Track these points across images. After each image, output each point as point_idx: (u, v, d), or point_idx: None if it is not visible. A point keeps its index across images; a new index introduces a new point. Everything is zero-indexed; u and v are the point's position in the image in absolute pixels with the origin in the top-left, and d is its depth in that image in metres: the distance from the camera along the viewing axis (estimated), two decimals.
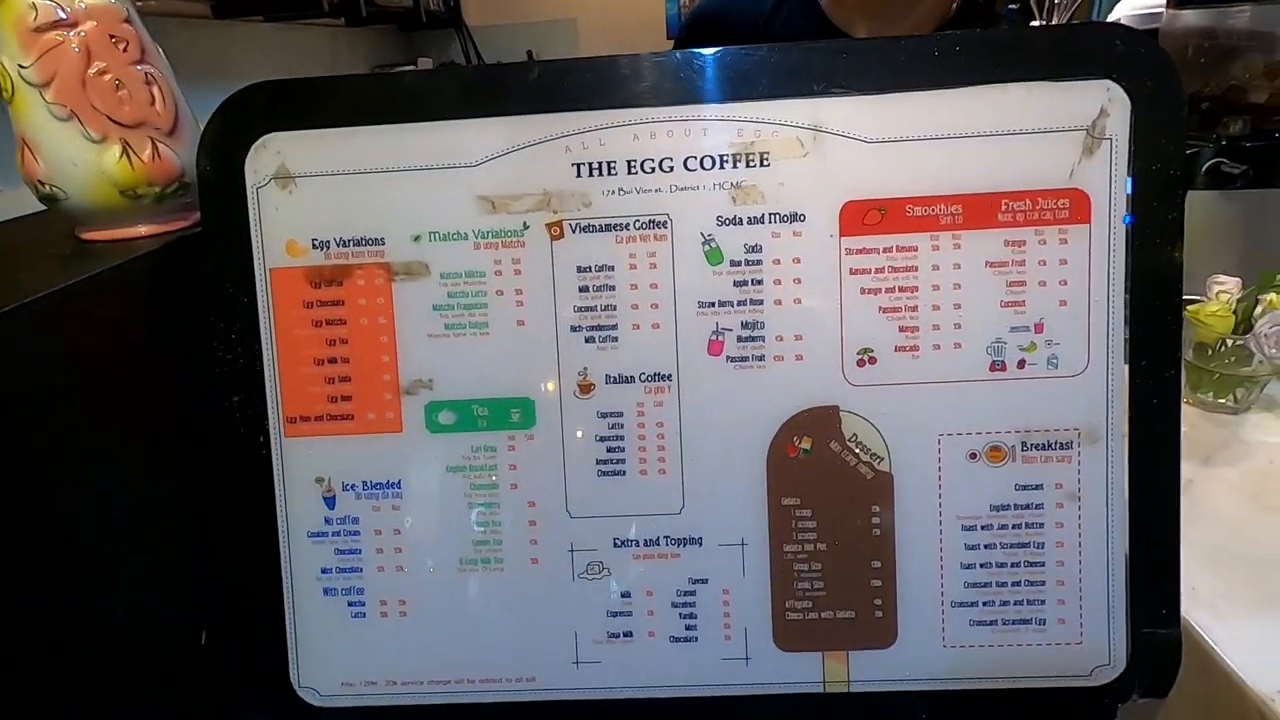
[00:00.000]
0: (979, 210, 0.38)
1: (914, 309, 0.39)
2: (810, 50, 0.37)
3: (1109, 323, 0.38)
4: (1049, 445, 0.39)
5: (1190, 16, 0.84)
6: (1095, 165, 0.37)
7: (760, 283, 0.39)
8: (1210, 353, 0.59)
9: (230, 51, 1.93)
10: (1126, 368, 0.38)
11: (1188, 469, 0.53)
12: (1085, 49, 0.37)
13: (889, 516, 0.39)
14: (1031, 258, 0.38)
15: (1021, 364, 0.39)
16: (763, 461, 0.40)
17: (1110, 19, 1.05)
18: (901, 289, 0.38)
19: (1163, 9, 0.88)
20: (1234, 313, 0.58)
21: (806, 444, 0.39)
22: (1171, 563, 0.39)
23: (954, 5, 0.71)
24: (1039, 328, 0.38)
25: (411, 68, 2.82)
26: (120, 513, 0.37)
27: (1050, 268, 0.38)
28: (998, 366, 0.39)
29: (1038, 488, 0.39)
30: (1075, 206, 0.38)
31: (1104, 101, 0.37)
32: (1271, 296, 0.56)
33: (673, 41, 0.80)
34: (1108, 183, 0.37)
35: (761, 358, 0.39)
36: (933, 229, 0.38)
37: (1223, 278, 0.60)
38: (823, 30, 0.71)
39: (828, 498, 0.40)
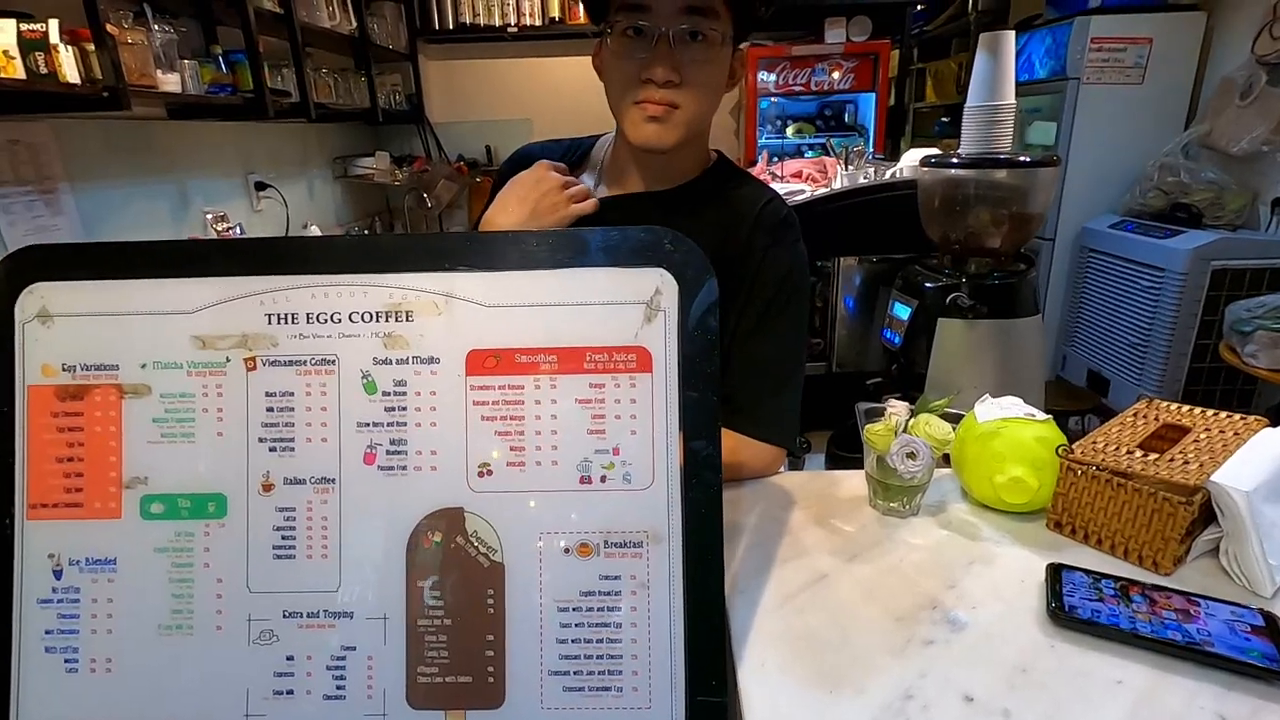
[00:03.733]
0: (570, 359, 0.50)
1: (521, 433, 0.50)
2: (444, 238, 0.50)
3: (668, 448, 0.50)
4: (625, 544, 0.50)
5: (936, 174, 1.01)
6: (654, 329, 0.50)
7: (405, 409, 0.50)
8: (881, 466, 0.70)
9: (205, 146, 2.10)
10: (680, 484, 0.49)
11: (829, 564, 0.63)
12: (645, 246, 0.50)
13: (501, 599, 0.49)
14: (610, 397, 0.50)
15: (604, 479, 0.50)
16: (404, 550, 0.50)
17: (899, 166, 1.22)
18: (512, 417, 0.50)
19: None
20: (894, 433, 0.69)
21: (438, 537, 0.50)
22: (720, 642, 0.49)
23: (710, 161, 0.86)
24: (617, 451, 0.50)
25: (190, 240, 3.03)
26: None
27: (624, 405, 0.50)
28: (586, 480, 0.50)
29: (616, 578, 0.49)
30: (640, 360, 0.50)
31: (658, 283, 0.50)
32: (918, 419, 0.68)
33: None
34: (663, 342, 0.50)
35: (405, 467, 0.50)
36: (535, 372, 0.50)
37: (895, 402, 0.72)
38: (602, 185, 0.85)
39: (453, 582, 0.50)
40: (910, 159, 1.17)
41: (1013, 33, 1.00)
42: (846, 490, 0.76)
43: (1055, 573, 0.59)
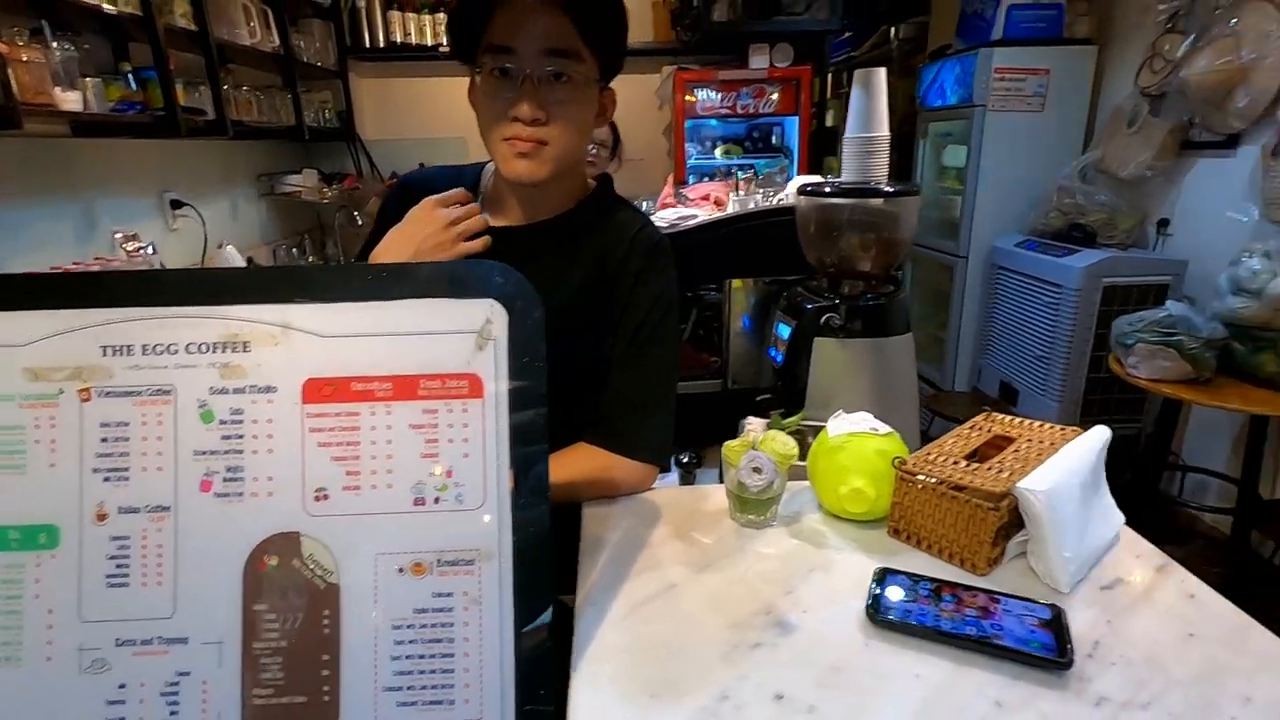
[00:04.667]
0: (404, 387, 0.52)
1: (357, 458, 0.52)
2: (282, 271, 0.52)
3: (498, 469, 0.52)
4: (457, 562, 0.52)
5: (811, 201, 1.07)
6: (484, 357, 0.53)
7: (242, 437, 0.51)
8: (737, 480, 0.74)
9: (115, 164, 2.04)
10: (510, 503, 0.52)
11: (681, 575, 0.67)
12: (476, 278, 0.53)
13: (336, 619, 0.51)
14: (443, 422, 0.52)
15: (437, 500, 0.52)
16: (240, 575, 0.51)
17: (786, 192, 1.29)
18: (348, 443, 0.52)
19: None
20: (750, 449, 0.73)
21: (274, 561, 0.51)
22: (546, 655, 0.52)
23: (588, 191, 0.89)
24: (449, 473, 0.52)
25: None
26: None
27: (456, 429, 0.52)
28: (420, 502, 0.52)
29: (449, 595, 0.52)
30: (472, 386, 0.52)
31: (489, 313, 0.53)
32: (765, 436, 0.73)
33: None
34: (494, 369, 0.53)
35: (241, 494, 0.51)
36: (370, 400, 0.52)
37: (752, 419, 0.77)
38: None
39: (290, 605, 0.51)
40: (794, 186, 1.23)
41: (884, 70, 1.07)
42: (712, 504, 0.79)
43: (881, 576, 0.63)
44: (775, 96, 3.19)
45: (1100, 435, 0.71)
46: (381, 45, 3.24)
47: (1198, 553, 2.22)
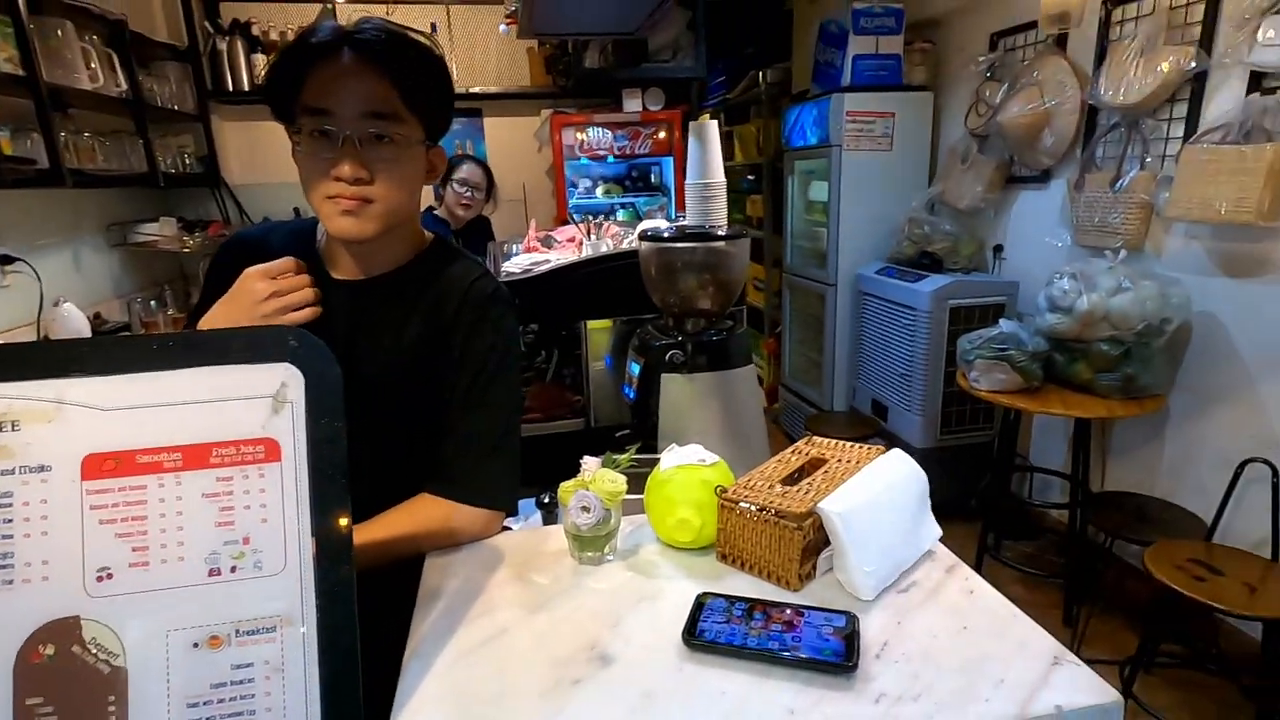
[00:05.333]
0: (195, 456, 0.52)
1: (145, 533, 0.50)
2: (56, 346, 0.51)
3: (300, 533, 0.52)
4: (258, 630, 0.51)
5: (650, 245, 1.13)
6: (281, 421, 0.53)
7: (11, 521, 0.49)
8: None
9: None
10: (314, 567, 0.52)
11: (513, 618, 0.68)
12: (271, 343, 0.53)
13: (124, 705, 0.49)
14: (239, 488, 0.52)
15: (234, 569, 0.51)
16: (10, 669, 0.48)
17: (633, 236, 1.35)
18: (134, 518, 0.50)
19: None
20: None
21: (50, 650, 0.49)
22: (356, 712, 0.52)
23: (424, 245, 0.91)
24: (247, 540, 0.52)
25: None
26: None
27: (253, 495, 0.52)
28: (215, 572, 0.51)
29: (250, 665, 0.51)
30: (269, 450, 0.52)
31: (285, 377, 0.53)
32: (594, 475, 0.76)
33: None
34: (291, 432, 0.53)
35: (11, 581, 0.49)
36: (158, 471, 0.51)
37: (588, 459, 0.79)
38: (321, 267, 0.87)
39: (69, 695, 0.49)
40: (638, 230, 1.31)
41: (715, 122, 1.17)
42: (553, 544, 0.81)
43: (702, 601, 0.67)
44: (657, 137, 3.32)
45: (899, 458, 0.78)
46: (246, 88, 3.14)
47: (1047, 546, 2.44)
